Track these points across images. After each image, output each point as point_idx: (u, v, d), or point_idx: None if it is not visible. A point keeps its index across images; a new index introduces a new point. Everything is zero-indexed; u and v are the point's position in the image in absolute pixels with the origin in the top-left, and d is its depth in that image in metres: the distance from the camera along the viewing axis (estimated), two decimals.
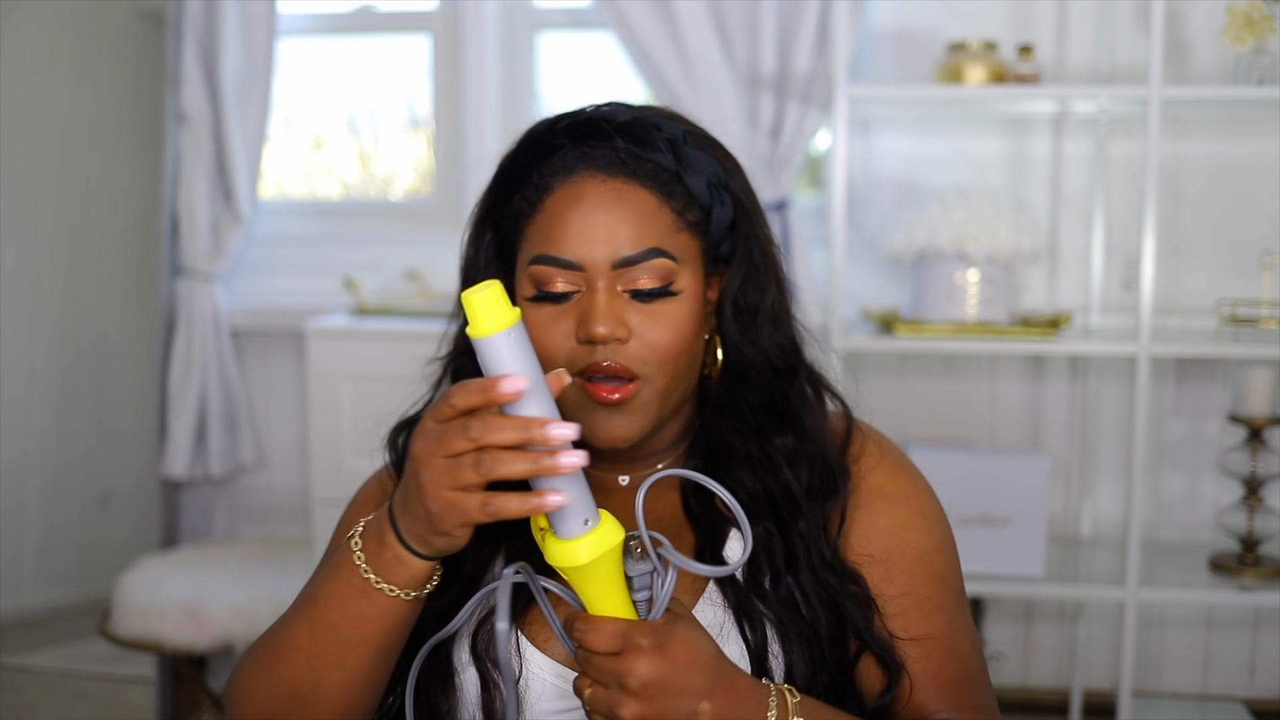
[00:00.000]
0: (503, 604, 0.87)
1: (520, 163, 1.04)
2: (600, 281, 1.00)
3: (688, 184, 1.03)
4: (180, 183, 2.88)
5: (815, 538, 1.05)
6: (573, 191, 1.01)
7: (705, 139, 1.07)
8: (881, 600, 1.05)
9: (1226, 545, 2.56)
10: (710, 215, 1.04)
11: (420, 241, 2.99)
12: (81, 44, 3.54)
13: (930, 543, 1.08)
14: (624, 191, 1.01)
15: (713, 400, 1.09)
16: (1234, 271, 2.65)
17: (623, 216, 1.00)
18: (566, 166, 1.02)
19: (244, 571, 2.65)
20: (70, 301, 3.64)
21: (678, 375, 1.03)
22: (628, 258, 1.00)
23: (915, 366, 2.76)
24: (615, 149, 1.01)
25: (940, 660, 1.04)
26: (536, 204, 1.02)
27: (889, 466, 1.10)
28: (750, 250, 1.07)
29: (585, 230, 0.99)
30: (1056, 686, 2.77)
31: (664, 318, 1.01)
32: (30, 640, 3.45)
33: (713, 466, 1.08)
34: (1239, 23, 2.32)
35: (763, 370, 1.07)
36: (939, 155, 2.73)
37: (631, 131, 1.02)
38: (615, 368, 1.00)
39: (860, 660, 1.04)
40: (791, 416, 1.08)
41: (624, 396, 1.00)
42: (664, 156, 1.02)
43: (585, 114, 1.03)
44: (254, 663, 1.03)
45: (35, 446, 3.60)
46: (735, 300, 1.07)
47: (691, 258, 1.03)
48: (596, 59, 3.08)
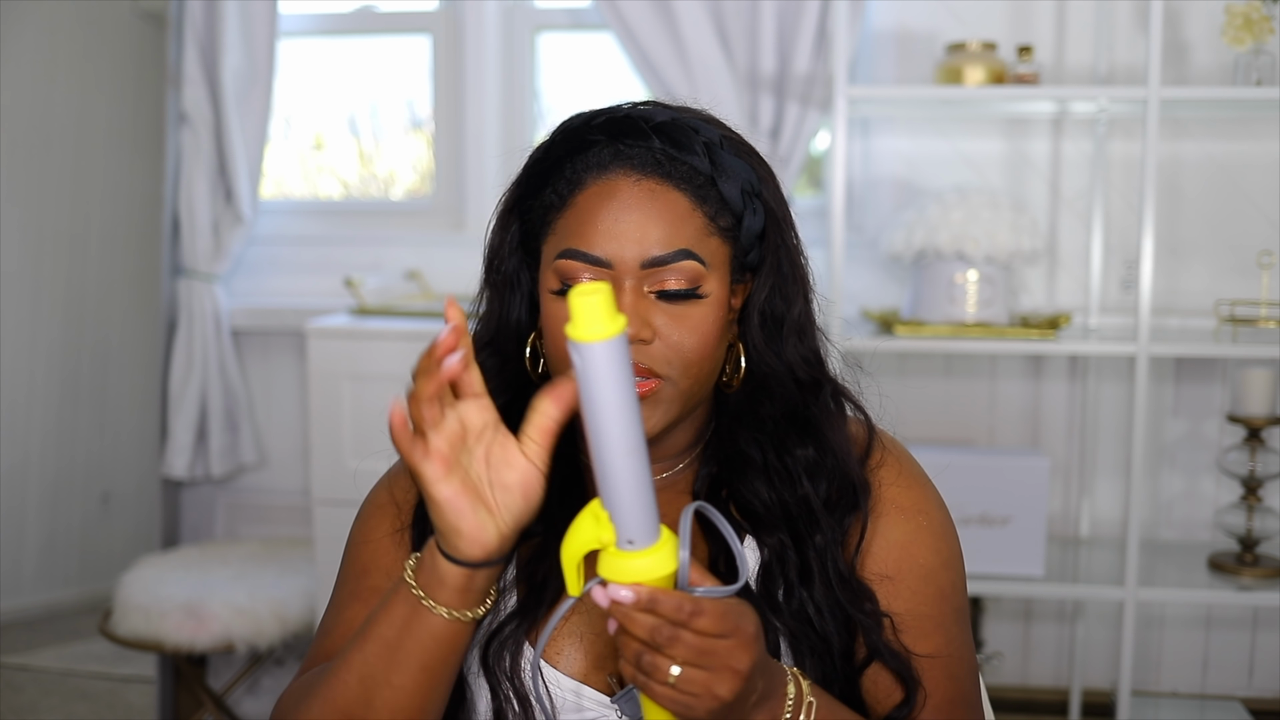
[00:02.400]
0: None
1: (554, 155, 1.03)
2: (628, 281, 0.99)
3: (721, 189, 1.01)
4: (181, 183, 2.88)
5: (832, 553, 1.04)
6: (606, 188, 1.00)
7: (741, 145, 1.06)
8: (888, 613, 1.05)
9: (1225, 545, 2.57)
10: (741, 222, 1.03)
11: (420, 241, 2.99)
12: (82, 44, 3.54)
13: (937, 560, 1.08)
14: (658, 192, 1.00)
15: (730, 408, 1.08)
16: (1233, 272, 2.66)
17: (655, 216, 0.99)
18: (601, 163, 1.01)
19: (244, 571, 2.66)
20: (71, 301, 3.64)
21: (700, 379, 1.02)
22: (657, 258, 0.99)
23: (915, 366, 2.76)
24: (651, 149, 1.00)
25: (936, 680, 1.05)
26: (568, 198, 1.01)
27: (906, 480, 1.10)
28: (780, 260, 1.06)
29: (616, 228, 0.99)
30: (1056, 686, 2.78)
31: (689, 320, 1.00)
32: (31, 640, 3.46)
33: (728, 475, 1.07)
34: (1237, 23, 2.33)
35: (785, 381, 1.06)
36: (938, 155, 2.73)
37: (669, 132, 1.01)
38: (639, 368, 0.99)
39: (867, 671, 1.05)
40: (813, 429, 1.06)
41: (646, 392, 1.00)
42: (700, 160, 1.01)
43: (623, 111, 1.02)
44: (306, 685, 1.01)
45: (36, 446, 3.60)
46: (762, 310, 1.05)
47: (720, 263, 1.02)
48: (596, 60, 3.08)
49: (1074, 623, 2.73)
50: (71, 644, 3.42)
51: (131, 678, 3.19)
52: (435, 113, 3.06)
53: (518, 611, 1.04)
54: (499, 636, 1.03)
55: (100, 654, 3.24)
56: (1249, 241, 2.63)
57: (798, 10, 2.58)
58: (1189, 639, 2.75)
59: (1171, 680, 2.76)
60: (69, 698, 3.12)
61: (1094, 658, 2.74)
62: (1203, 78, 2.62)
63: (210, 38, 2.83)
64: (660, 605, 0.81)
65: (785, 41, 2.61)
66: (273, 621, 2.54)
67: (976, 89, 2.36)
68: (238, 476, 3.03)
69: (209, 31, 2.83)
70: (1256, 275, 2.58)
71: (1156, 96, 2.22)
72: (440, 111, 3.05)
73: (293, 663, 2.92)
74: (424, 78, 3.10)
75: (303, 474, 3.01)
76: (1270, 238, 2.62)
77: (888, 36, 2.72)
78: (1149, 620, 2.74)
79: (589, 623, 1.04)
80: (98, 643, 3.06)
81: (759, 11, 2.59)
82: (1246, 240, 2.64)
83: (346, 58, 3.20)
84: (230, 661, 2.89)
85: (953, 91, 2.37)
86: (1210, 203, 2.67)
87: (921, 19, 2.70)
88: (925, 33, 2.69)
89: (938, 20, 2.68)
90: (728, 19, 2.62)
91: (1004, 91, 2.36)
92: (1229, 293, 2.61)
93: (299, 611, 2.58)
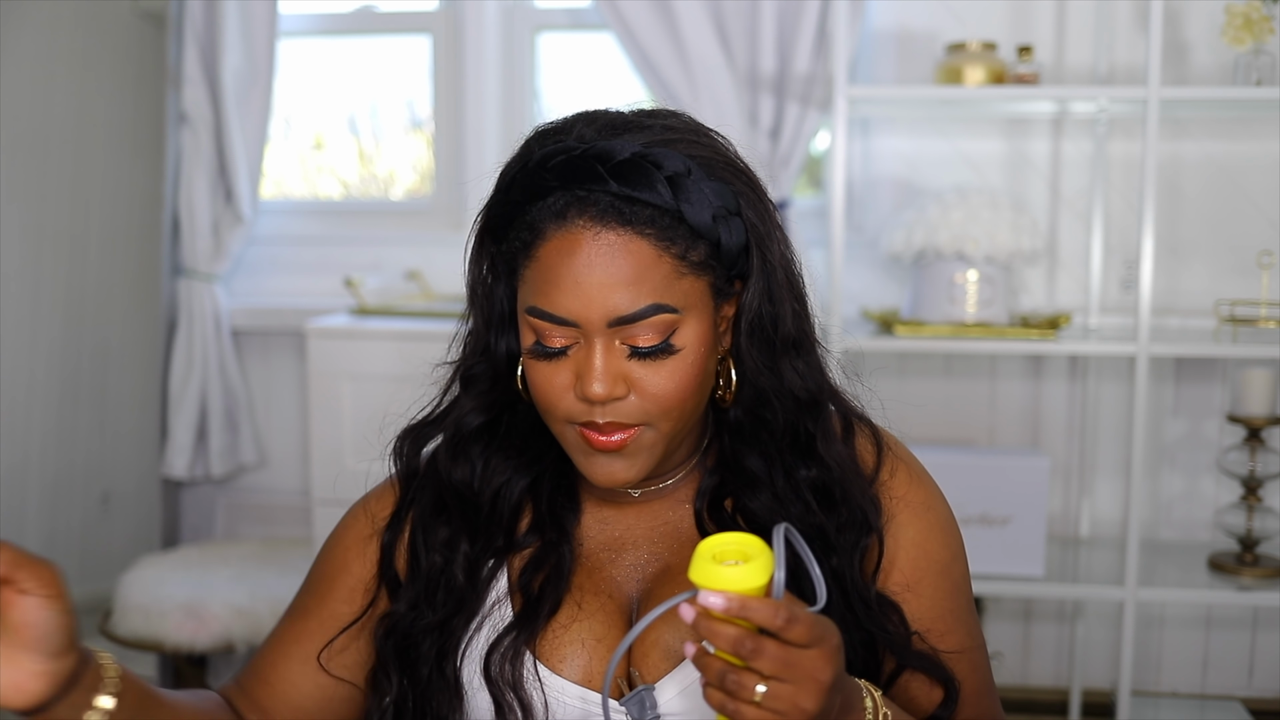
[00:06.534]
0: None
1: (514, 197, 0.99)
2: (598, 340, 0.96)
3: (690, 221, 0.96)
4: (181, 183, 2.88)
5: (850, 575, 1.03)
6: (565, 243, 0.95)
7: (715, 162, 0.99)
8: (910, 618, 1.05)
9: (1225, 545, 2.57)
10: (720, 245, 0.98)
11: (420, 241, 2.99)
12: (81, 44, 3.54)
13: (948, 554, 1.09)
14: (618, 244, 0.94)
15: (731, 425, 1.05)
16: (1233, 272, 2.66)
17: (617, 273, 0.94)
18: (558, 212, 0.96)
19: (244, 571, 2.66)
20: (71, 301, 3.64)
21: (684, 418, 1.00)
22: (624, 316, 0.95)
23: (915, 366, 2.76)
24: (609, 192, 0.94)
25: (963, 673, 1.06)
26: (531, 247, 0.97)
27: (915, 482, 1.10)
28: (766, 276, 1.01)
29: (579, 289, 0.94)
30: (1056, 686, 2.78)
31: (664, 369, 0.97)
32: None
33: (734, 492, 1.06)
34: (1237, 23, 2.33)
35: (785, 399, 1.03)
36: (938, 155, 2.73)
37: (626, 174, 0.95)
38: (615, 426, 0.97)
39: (899, 680, 1.05)
40: (817, 451, 1.04)
41: (625, 439, 0.98)
42: (661, 196, 0.95)
43: (579, 149, 0.96)
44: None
45: (36, 446, 3.60)
46: (751, 323, 1.01)
47: (696, 300, 0.98)
48: (596, 59, 3.08)
49: (1074, 623, 2.73)
50: None
51: None
52: (435, 113, 3.06)
53: (516, 623, 1.04)
54: (499, 648, 1.03)
55: None
56: (1249, 241, 2.63)
57: (798, 10, 2.58)
58: (1189, 639, 2.75)
59: (1171, 680, 2.76)
60: None
61: (1094, 658, 2.74)
62: (1203, 78, 2.62)
63: (210, 38, 2.83)
64: (755, 612, 0.80)
65: (785, 41, 2.61)
66: (273, 621, 2.51)
67: (976, 89, 2.36)
68: (238, 476, 3.03)
69: (209, 31, 2.83)
70: (1256, 275, 2.58)
71: (1156, 96, 2.22)
72: (440, 111, 3.05)
73: None
74: (424, 78, 3.10)
75: (302, 474, 3.00)
76: (1270, 238, 2.62)
77: (888, 36, 2.72)
78: (1149, 620, 2.74)
79: (591, 629, 1.04)
80: (98, 643, 3.05)
81: (759, 11, 2.59)
82: (1246, 240, 2.64)
83: (346, 58, 3.20)
84: (230, 661, 2.89)
85: (953, 91, 2.37)
86: (1210, 203, 2.67)
87: (921, 19, 2.70)
88: (925, 33, 2.69)
89: (938, 20, 2.68)
90: (728, 19, 2.62)
91: (1004, 91, 2.36)
92: (1229, 293, 2.61)
93: None
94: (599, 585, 1.06)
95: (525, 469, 1.08)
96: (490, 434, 1.08)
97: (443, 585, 1.06)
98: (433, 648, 1.05)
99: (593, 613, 1.04)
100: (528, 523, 1.09)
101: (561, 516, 1.08)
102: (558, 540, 1.07)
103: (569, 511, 1.09)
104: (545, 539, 1.07)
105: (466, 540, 1.06)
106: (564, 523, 1.08)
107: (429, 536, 1.07)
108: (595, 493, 1.10)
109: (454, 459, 1.07)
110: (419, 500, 1.09)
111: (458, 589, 1.05)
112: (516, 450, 1.08)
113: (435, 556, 1.07)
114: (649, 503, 1.09)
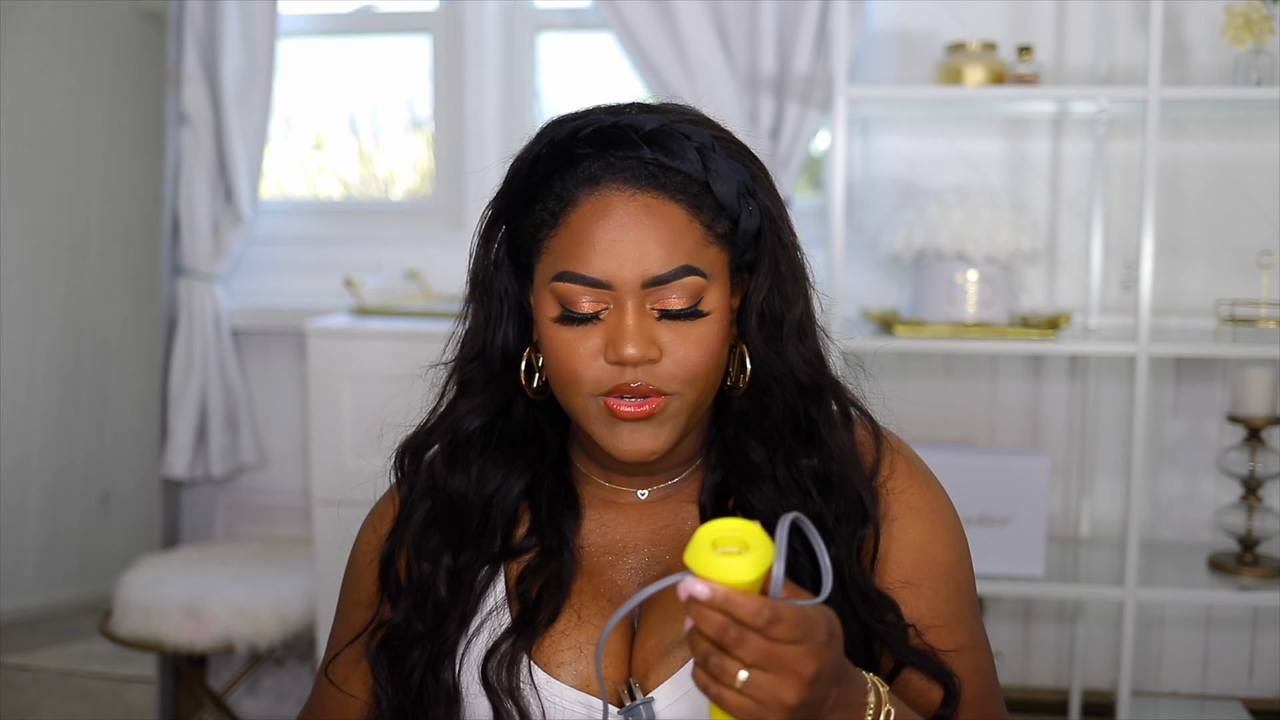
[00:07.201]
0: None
1: (540, 171, 0.99)
2: (629, 301, 0.96)
3: (716, 193, 0.98)
4: (181, 183, 2.88)
5: (848, 565, 1.03)
6: (599, 205, 0.96)
7: (733, 144, 1.02)
8: (912, 620, 1.05)
9: (1225, 545, 2.57)
10: (738, 225, 1.00)
11: (420, 241, 2.99)
12: (81, 44, 3.54)
13: (953, 556, 1.08)
14: (653, 206, 0.96)
15: (735, 414, 1.06)
16: (1233, 272, 2.66)
17: (653, 233, 0.96)
18: (592, 177, 0.97)
19: (244, 571, 2.66)
20: (71, 302, 3.64)
21: (707, 389, 1.01)
22: (658, 276, 0.96)
23: (915, 366, 2.76)
24: (643, 159, 0.97)
25: (965, 675, 1.05)
26: (560, 216, 0.98)
27: (918, 483, 1.09)
28: (776, 259, 1.03)
29: (614, 248, 0.96)
30: (1056, 686, 2.78)
31: (693, 335, 0.98)
32: (31, 640, 3.46)
33: (735, 483, 1.06)
34: (1237, 23, 2.33)
35: (787, 384, 1.04)
36: (938, 155, 2.73)
37: (659, 140, 0.97)
38: (645, 389, 0.97)
39: (898, 677, 1.04)
40: (818, 437, 1.05)
41: (653, 409, 0.98)
42: (693, 166, 0.97)
43: (610, 120, 0.98)
44: None
45: (36, 446, 3.60)
46: (760, 310, 1.03)
47: (719, 271, 0.99)
48: (596, 59, 3.09)
49: (1074, 623, 2.73)
50: (71, 644, 3.42)
51: (131, 678, 3.19)
52: (435, 113, 3.06)
53: (513, 628, 1.03)
54: (497, 653, 1.03)
55: (100, 654, 3.24)
56: (1249, 241, 2.63)
57: (798, 10, 2.58)
58: (1189, 639, 2.75)
59: (1171, 680, 2.76)
60: (69, 698, 3.12)
61: (1094, 658, 2.74)
62: (1203, 78, 2.62)
63: (210, 38, 2.83)
64: (737, 608, 0.80)
65: (785, 41, 2.61)
66: (273, 621, 2.54)
67: (976, 89, 2.36)
68: (238, 476, 3.03)
69: (209, 31, 2.83)
70: (1256, 275, 2.58)
71: (1156, 96, 2.22)
72: (440, 111, 3.05)
73: (293, 663, 2.93)
74: (424, 78, 3.10)
75: (302, 474, 3.01)
76: (1270, 238, 2.62)
77: (888, 36, 2.72)
78: (1149, 620, 2.74)
79: (590, 634, 1.03)
80: (98, 643, 3.06)
81: (759, 11, 2.59)
82: (1246, 240, 2.64)
83: (346, 58, 3.20)
84: (230, 661, 2.89)
85: (953, 91, 2.37)
86: (1210, 203, 2.67)
87: (921, 19, 2.70)
88: (925, 33, 2.69)
89: (938, 20, 2.68)
90: (728, 19, 2.62)
91: (1004, 91, 2.36)
92: (1229, 293, 2.61)
93: (299, 611, 2.58)
94: (599, 589, 1.06)
95: (522, 472, 1.08)
96: (486, 438, 1.07)
97: (431, 595, 1.06)
98: (423, 655, 1.05)
99: (592, 617, 1.04)
100: (525, 527, 1.08)
101: (560, 520, 1.08)
102: (557, 546, 1.06)
103: (568, 515, 1.08)
104: (544, 544, 1.06)
105: (450, 553, 1.06)
106: (563, 527, 1.07)
107: (422, 545, 1.08)
108: (597, 495, 1.09)
109: (450, 466, 1.07)
110: (416, 509, 1.09)
111: (441, 602, 1.05)
112: (513, 454, 1.08)
113: (426, 565, 1.07)
114: (652, 505, 1.09)
